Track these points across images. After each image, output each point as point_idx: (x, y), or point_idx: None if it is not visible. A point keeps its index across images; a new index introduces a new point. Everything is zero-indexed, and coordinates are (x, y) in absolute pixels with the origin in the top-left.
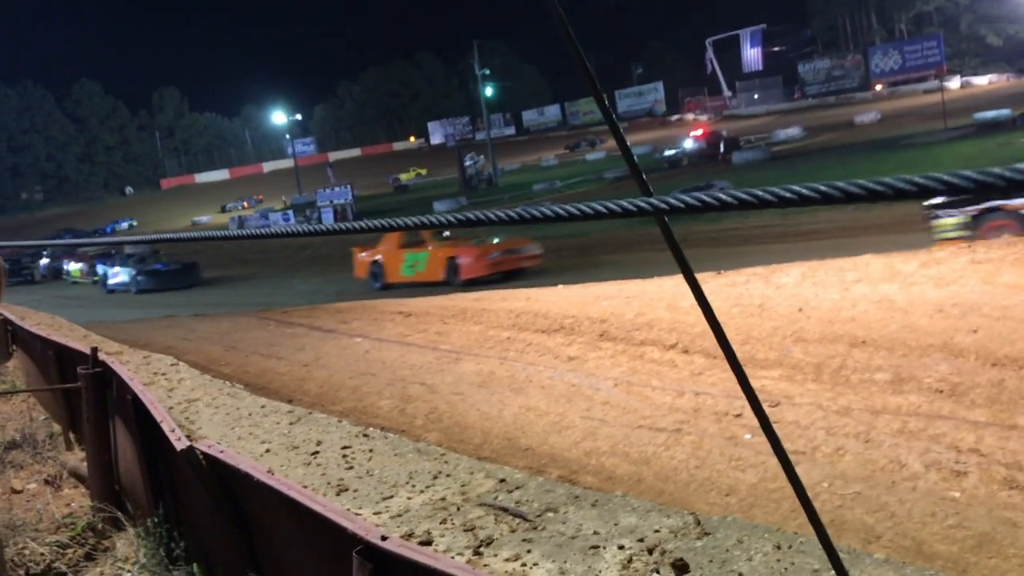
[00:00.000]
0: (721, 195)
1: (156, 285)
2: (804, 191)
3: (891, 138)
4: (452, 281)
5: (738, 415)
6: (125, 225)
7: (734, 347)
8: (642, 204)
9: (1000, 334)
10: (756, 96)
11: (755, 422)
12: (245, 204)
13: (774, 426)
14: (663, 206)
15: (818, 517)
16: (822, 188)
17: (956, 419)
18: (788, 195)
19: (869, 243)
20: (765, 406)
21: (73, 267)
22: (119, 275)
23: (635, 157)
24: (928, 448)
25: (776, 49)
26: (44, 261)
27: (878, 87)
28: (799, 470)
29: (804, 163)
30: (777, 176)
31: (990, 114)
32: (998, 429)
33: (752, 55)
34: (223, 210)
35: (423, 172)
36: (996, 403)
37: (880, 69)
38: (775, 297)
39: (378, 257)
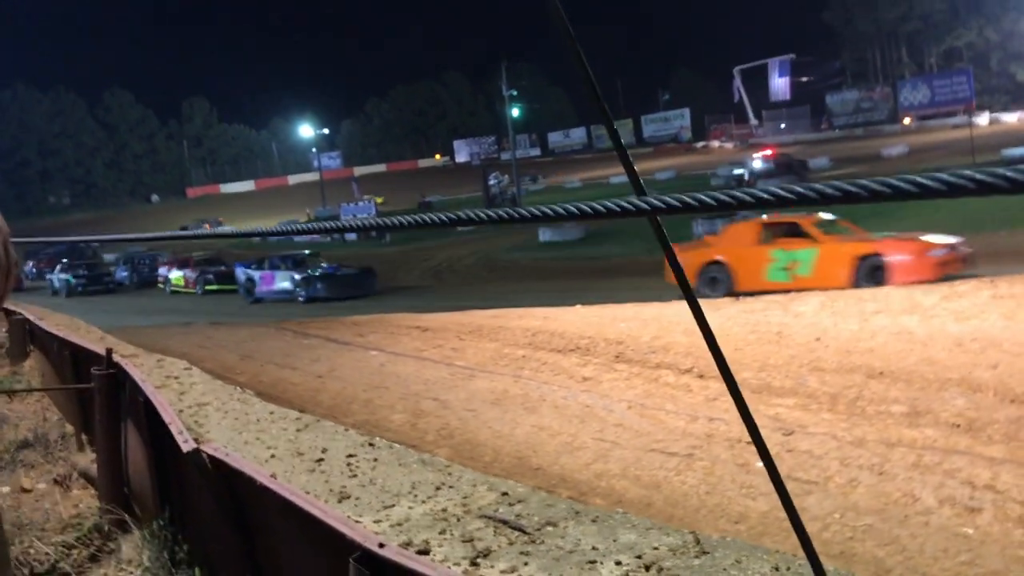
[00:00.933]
0: (717, 195)
1: (332, 293)
2: (801, 191)
3: (919, 172)
4: (863, 284)
5: (751, 442)
6: (206, 227)
7: (750, 373)
8: (636, 204)
9: (1020, 370)
10: (783, 125)
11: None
12: (207, 225)
13: (784, 453)
14: (660, 205)
15: (805, 532)
16: (818, 187)
17: (972, 455)
18: (785, 195)
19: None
20: (779, 434)
21: (175, 275)
22: (278, 281)
23: (633, 161)
24: (943, 483)
25: (804, 79)
26: (123, 269)
27: (906, 120)
28: (811, 499)
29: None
30: (801, 209)
31: (1019, 151)
32: (1015, 466)
33: (780, 84)
34: (183, 230)
35: (379, 200)
36: (1014, 440)
37: (909, 102)
38: (793, 325)
39: (719, 257)
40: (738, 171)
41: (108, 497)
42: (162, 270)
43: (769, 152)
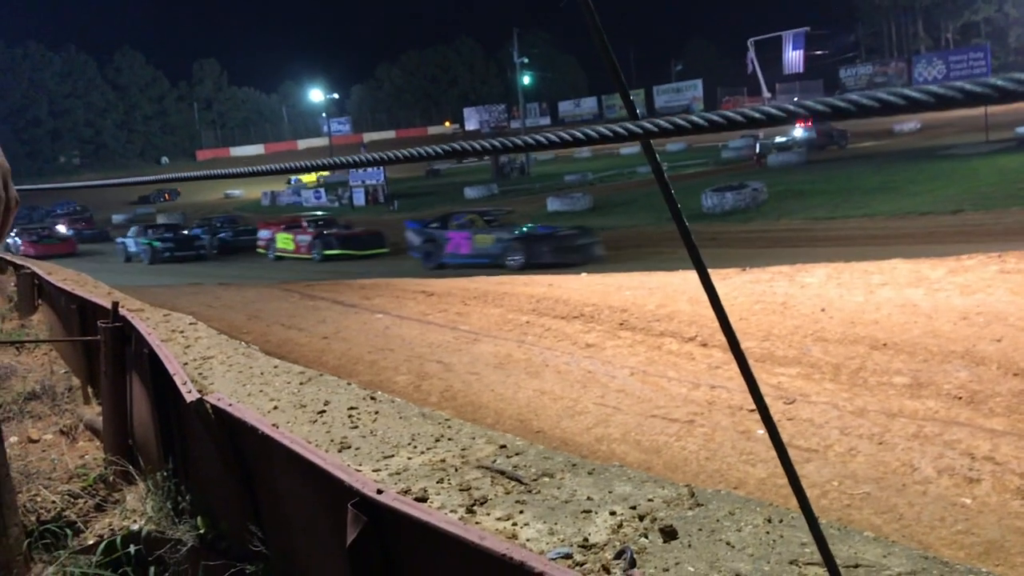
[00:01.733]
0: (708, 115)
1: (555, 257)
2: (791, 108)
3: (930, 148)
4: None
5: (752, 410)
6: (165, 198)
7: (754, 343)
8: (630, 128)
9: None
10: (795, 98)
11: (770, 414)
12: (167, 196)
13: (786, 421)
14: (652, 128)
15: (800, 486)
16: (808, 104)
17: (973, 426)
18: (777, 113)
19: (899, 252)
20: (780, 402)
21: (282, 236)
22: (476, 243)
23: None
24: (942, 453)
25: (818, 52)
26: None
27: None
28: (810, 467)
29: (840, 169)
30: (811, 181)
31: None
32: (1015, 439)
33: (793, 57)
34: (144, 200)
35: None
36: (1015, 413)
37: (923, 78)
38: (799, 296)
39: None
40: (780, 139)
41: (113, 448)
42: (263, 232)
43: (808, 123)
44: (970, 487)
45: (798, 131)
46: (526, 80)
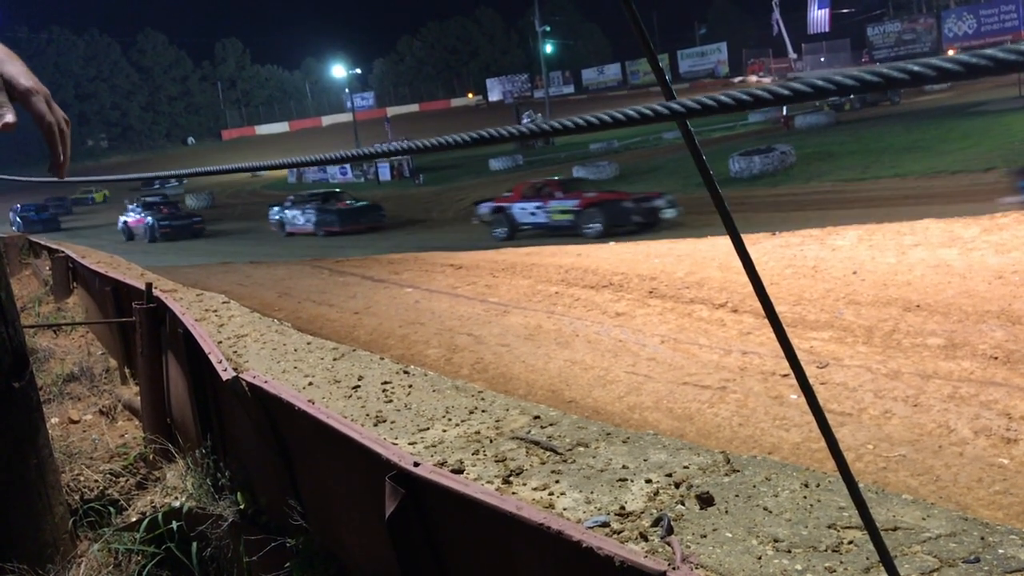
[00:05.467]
0: (737, 95)
1: None
2: (819, 83)
3: (962, 105)
4: None
5: (785, 375)
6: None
7: (785, 307)
8: (665, 108)
9: None
10: (822, 59)
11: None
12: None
13: (819, 385)
14: (690, 107)
15: (839, 449)
16: (838, 79)
17: (1010, 386)
18: (803, 88)
19: (931, 212)
20: (813, 367)
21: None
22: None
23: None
24: (979, 414)
25: (844, 11)
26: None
27: (950, 52)
28: (845, 431)
29: (868, 128)
30: (840, 142)
31: None
32: None
33: (819, 16)
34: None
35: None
36: None
37: (953, 33)
38: (830, 259)
39: None
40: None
41: (152, 427)
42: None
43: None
44: (1008, 447)
45: None
46: (548, 49)
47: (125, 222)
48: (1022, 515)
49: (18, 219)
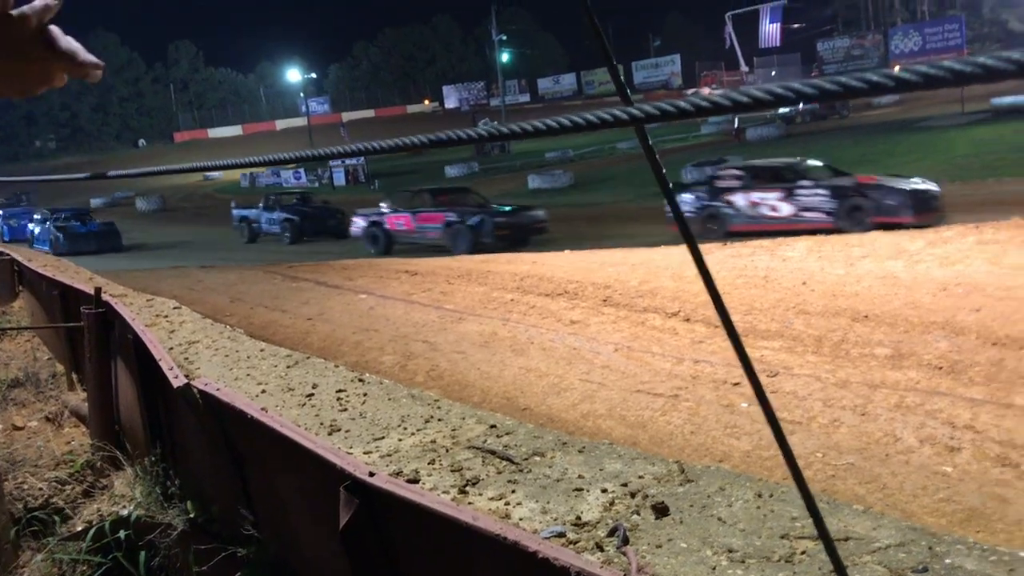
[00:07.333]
0: (696, 100)
1: None
2: (778, 91)
3: (907, 120)
4: None
5: (736, 383)
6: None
7: (736, 317)
8: (623, 113)
9: (1002, 314)
10: (773, 73)
11: (753, 391)
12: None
13: (769, 394)
14: (648, 112)
15: (794, 458)
16: (796, 87)
17: (953, 396)
18: (763, 96)
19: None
20: (764, 375)
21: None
22: None
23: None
24: (924, 423)
25: (796, 26)
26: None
27: (896, 68)
28: (795, 439)
29: (817, 142)
30: (790, 154)
31: (1008, 100)
32: (994, 407)
33: (771, 31)
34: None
35: None
36: (994, 382)
37: (900, 50)
38: (780, 270)
39: None
40: (784, 109)
41: (99, 434)
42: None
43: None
44: (951, 456)
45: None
46: (504, 57)
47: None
48: (965, 522)
49: None
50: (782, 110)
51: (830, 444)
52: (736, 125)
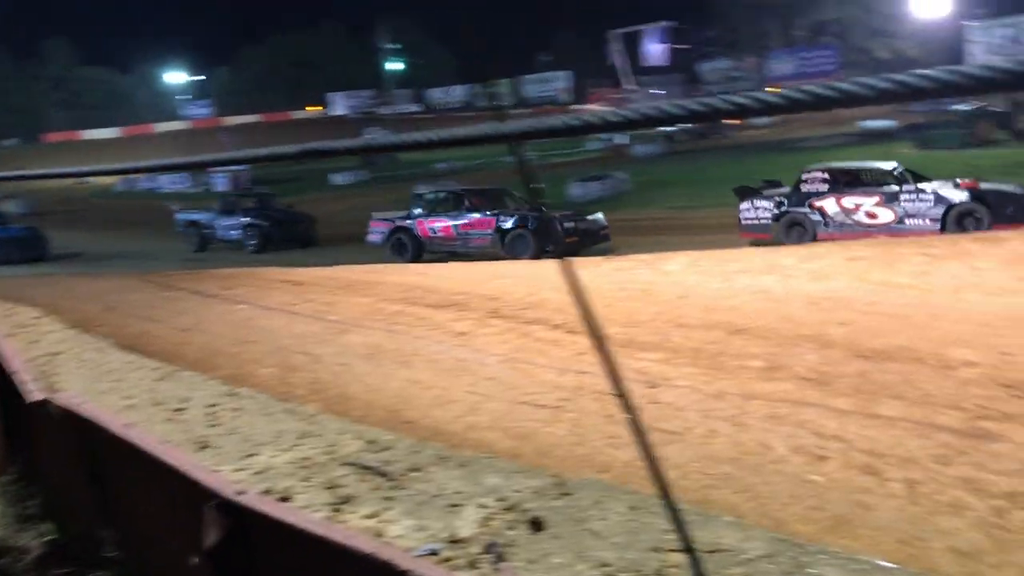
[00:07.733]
0: (569, 120)
1: None
2: (650, 112)
3: (785, 140)
4: None
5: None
6: None
7: (617, 329)
8: (498, 131)
9: (867, 328)
10: (652, 91)
11: (634, 403)
12: None
13: (649, 405)
14: (514, 132)
15: (660, 472)
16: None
17: (822, 407)
18: (634, 116)
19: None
20: (643, 387)
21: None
22: None
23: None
24: (794, 433)
25: (679, 47)
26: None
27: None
28: (672, 449)
29: (699, 159)
30: (676, 170)
31: (874, 123)
32: (860, 418)
33: (654, 51)
34: None
35: None
36: (860, 393)
37: (776, 73)
38: (660, 283)
39: None
40: (667, 128)
41: None
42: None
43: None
44: (819, 464)
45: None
46: (393, 67)
47: None
48: (832, 529)
49: None
50: (663, 129)
51: (706, 454)
52: (614, 142)
